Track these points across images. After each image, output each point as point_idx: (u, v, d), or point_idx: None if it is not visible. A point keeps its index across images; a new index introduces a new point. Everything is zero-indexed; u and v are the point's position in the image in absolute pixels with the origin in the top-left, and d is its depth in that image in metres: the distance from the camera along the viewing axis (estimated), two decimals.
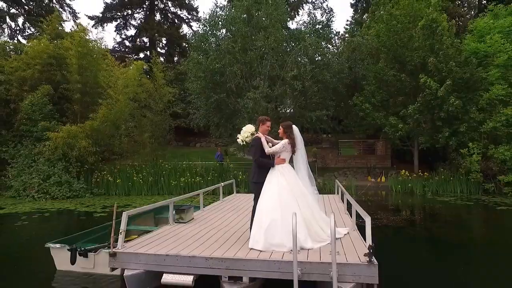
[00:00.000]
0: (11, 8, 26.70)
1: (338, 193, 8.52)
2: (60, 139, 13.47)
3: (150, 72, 16.15)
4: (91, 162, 14.45)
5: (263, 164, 4.56)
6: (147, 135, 15.47)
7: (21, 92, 14.86)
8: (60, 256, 4.75)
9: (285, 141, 4.56)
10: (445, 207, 10.85)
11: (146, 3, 38.23)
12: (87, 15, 35.85)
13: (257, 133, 4.67)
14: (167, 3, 39.38)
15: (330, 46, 18.70)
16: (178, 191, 14.05)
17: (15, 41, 26.69)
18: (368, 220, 3.67)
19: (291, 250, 3.73)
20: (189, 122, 17.13)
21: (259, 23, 14.77)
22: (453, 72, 12.93)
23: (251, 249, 4.04)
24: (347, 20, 32.60)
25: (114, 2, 36.51)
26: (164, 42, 39.70)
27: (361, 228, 4.69)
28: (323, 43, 14.99)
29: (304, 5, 24.98)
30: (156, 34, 34.51)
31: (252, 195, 4.64)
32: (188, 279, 3.74)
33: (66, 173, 13.55)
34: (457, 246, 6.50)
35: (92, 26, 37.03)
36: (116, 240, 4.12)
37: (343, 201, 7.13)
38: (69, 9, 34.51)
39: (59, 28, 17.65)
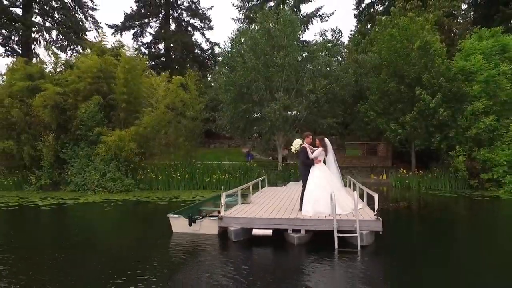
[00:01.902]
0: (45, 22, 29.35)
1: (350, 187, 11.04)
2: (112, 142, 16.04)
3: (186, 83, 18.64)
4: (136, 162, 17.04)
5: (307, 163, 7.16)
6: (182, 139, 18.04)
7: (75, 101, 17.36)
8: (176, 222, 7.32)
9: (321, 149, 7.16)
10: (436, 198, 13.37)
11: (162, 13, 40.76)
12: (107, 24, 38.31)
13: (303, 143, 7.24)
14: (182, 13, 41.85)
15: (339, 58, 21.33)
16: (211, 186, 16.62)
17: (50, 52, 29.43)
18: (376, 196, 6.25)
19: (330, 214, 6.32)
20: (215, 126, 19.72)
21: (279, 43, 17.34)
22: (443, 87, 15.48)
23: (304, 215, 6.62)
24: (351, 30, 35.05)
25: (133, 13, 38.98)
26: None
27: None
28: (333, 59, 17.49)
29: (313, 19, 27.56)
30: (173, 43, 36.80)
31: (281, 187, 7.19)
32: (269, 231, 6.33)
33: (117, 171, 16.13)
34: (441, 223, 9.07)
35: (112, 34, 39.71)
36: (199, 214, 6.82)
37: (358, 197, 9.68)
38: (91, 19, 36.88)
39: (103, 44, 20.16)
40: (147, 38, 49.61)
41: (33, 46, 29.44)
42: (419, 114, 16.33)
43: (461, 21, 30.68)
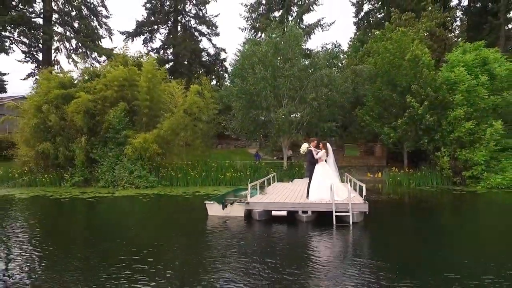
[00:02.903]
0: (66, 31, 31.54)
1: (347, 182, 13.17)
2: (138, 143, 18.16)
3: (202, 92, 20.79)
4: (158, 161, 19.17)
5: (313, 162, 9.30)
6: (199, 141, 20.21)
7: (103, 107, 19.48)
8: (211, 207, 9.46)
9: (324, 151, 9.31)
10: (422, 193, 15.48)
11: (171, 20, 42.88)
12: (119, 31, 40.39)
13: (310, 146, 9.38)
14: (190, 20, 43.98)
15: (339, 64, 23.45)
16: (225, 182, 18.74)
17: (71, 60, 31.71)
18: (364, 185, 8.38)
19: (329, 200, 8.46)
20: (227, 129, 21.90)
21: (285, 55, 19.48)
22: (430, 95, 17.61)
23: (310, 200, 8.77)
24: (350, 38, 37.19)
25: (144, 20, 41.15)
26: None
27: None
28: (334, 70, 19.63)
29: (315, 29, 29.71)
30: (182, 50, 38.79)
31: (287, 183, 9.48)
32: (284, 212, 8.48)
33: (143, 169, 18.25)
34: (419, 209, 11.19)
35: (123, 40, 41.84)
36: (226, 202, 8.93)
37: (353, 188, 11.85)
38: (105, 27, 39.00)
39: (127, 55, 22.32)
40: (156, 44, 51.20)
41: (54, 54, 31.70)
42: (409, 119, 18.44)
43: (456, 27, 32.83)
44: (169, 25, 43.17)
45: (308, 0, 30.26)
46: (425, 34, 24.12)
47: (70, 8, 31.99)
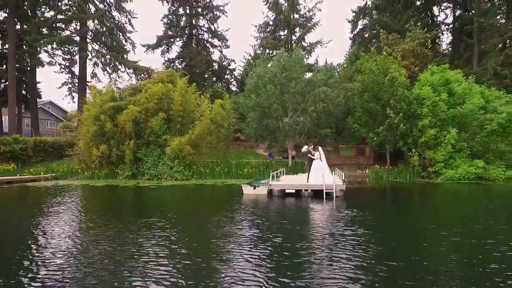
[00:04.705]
0: (101, 48, 36.70)
1: (336, 175, 18.22)
2: (175, 145, 23.25)
3: (224, 104, 25.94)
4: (190, 159, 24.26)
5: (311, 159, 14.40)
6: (222, 144, 25.31)
7: (146, 116, 24.61)
8: (245, 188, 14.53)
9: (318, 152, 14.41)
10: (396, 184, 20.47)
11: (186, 34, 48.00)
12: (141, 44, 45.53)
13: (308, 148, 14.47)
14: (203, 34, 49.13)
15: (336, 74, 28.45)
16: (243, 176, 23.79)
17: (105, 73, 36.87)
18: (343, 173, 13.47)
19: (321, 183, 13.55)
20: (243, 133, 27.01)
21: (290, 75, 24.56)
22: (403, 109, 22.66)
23: (310, 183, 13.86)
24: (346, 51, 42.20)
25: (163, 35, 46.32)
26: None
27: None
28: (329, 89, 24.70)
29: (315, 48, 34.77)
30: (198, 62, 43.83)
31: (293, 176, 14.73)
32: (293, 191, 13.59)
33: (179, 166, 23.34)
34: (386, 191, 16.24)
35: (144, 52, 46.98)
36: (254, 185, 13.98)
37: (338, 177, 16.91)
38: (130, 40, 44.13)
39: (162, 74, 27.46)
40: (172, 54, 56.25)
41: (92, 67, 36.94)
42: (388, 127, 23.50)
43: (443, 40, 37.86)
44: (184, 38, 48.32)
45: (309, 23, 35.32)
46: (410, 49, 29.06)
47: (104, 29, 37.10)
